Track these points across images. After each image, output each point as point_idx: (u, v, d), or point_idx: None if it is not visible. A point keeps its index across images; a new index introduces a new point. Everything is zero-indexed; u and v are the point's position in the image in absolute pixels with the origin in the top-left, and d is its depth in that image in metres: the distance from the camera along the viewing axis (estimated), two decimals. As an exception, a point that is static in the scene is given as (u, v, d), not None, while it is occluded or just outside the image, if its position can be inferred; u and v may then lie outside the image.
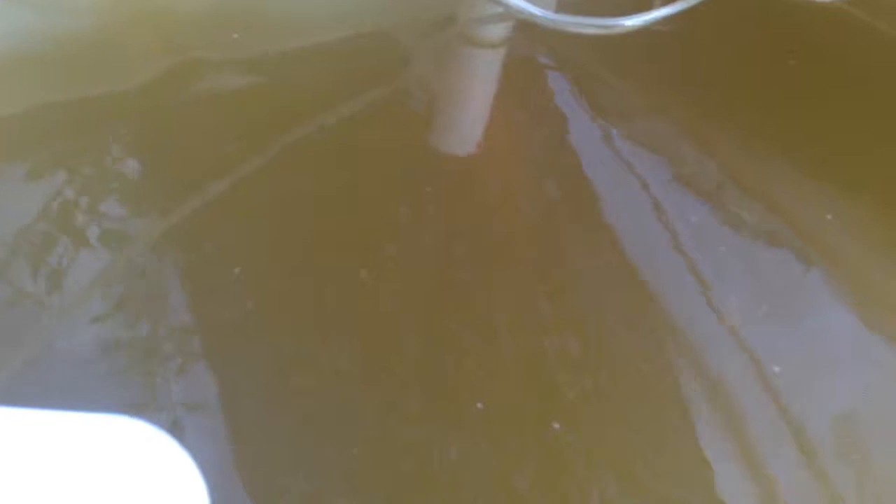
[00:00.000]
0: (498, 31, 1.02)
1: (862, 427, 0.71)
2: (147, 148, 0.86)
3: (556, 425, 0.70)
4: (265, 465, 0.67)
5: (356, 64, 0.95)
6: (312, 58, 0.96)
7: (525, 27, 1.01)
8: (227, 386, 0.70)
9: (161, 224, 0.81)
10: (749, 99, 0.94)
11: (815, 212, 0.85)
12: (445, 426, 0.70)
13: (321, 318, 0.76)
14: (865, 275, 0.81)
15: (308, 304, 0.77)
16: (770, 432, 0.71)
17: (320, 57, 0.96)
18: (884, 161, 0.87)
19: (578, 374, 0.74)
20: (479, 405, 0.71)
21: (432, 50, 0.99)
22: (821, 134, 0.90)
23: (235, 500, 0.65)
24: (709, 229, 0.84)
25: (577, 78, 0.96)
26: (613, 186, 0.87)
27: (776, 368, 0.74)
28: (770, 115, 0.92)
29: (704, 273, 0.80)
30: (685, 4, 1.00)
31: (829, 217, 0.85)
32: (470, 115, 0.94)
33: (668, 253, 0.82)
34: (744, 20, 1.03)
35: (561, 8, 1.01)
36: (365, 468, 0.67)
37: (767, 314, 0.78)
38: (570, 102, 0.94)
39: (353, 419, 0.70)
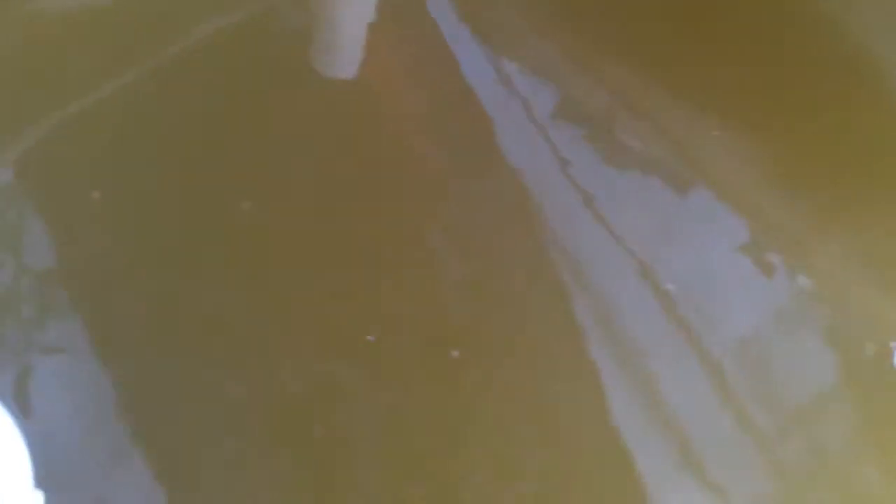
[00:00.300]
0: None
1: (761, 346, 0.71)
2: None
3: (455, 353, 0.66)
4: (132, 415, 0.61)
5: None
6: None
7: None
8: (89, 332, 0.64)
9: (13, 152, 0.73)
10: (636, 23, 0.91)
11: (701, 136, 0.84)
12: (334, 361, 0.65)
13: (198, 252, 0.70)
14: (750, 196, 0.80)
15: (183, 239, 0.71)
16: (669, 355, 0.70)
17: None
18: (767, 86, 0.86)
19: (473, 302, 0.70)
20: (370, 338, 0.66)
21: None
22: (707, 58, 0.88)
23: (95, 450, 0.60)
24: (596, 154, 0.82)
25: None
26: (500, 111, 0.83)
27: (670, 287, 0.73)
28: (656, 40, 0.90)
29: (594, 197, 0.78)
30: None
31: (714, 141, 0.84)
32: (347, 36, 0.88)
33: (558, 178, 0.79)
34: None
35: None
36: (248, 408, 0.63)
37: (658, 237, 0.77)
38: (453, 25, 0.89)
39: (235, 359, 0.65)
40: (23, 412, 0.60)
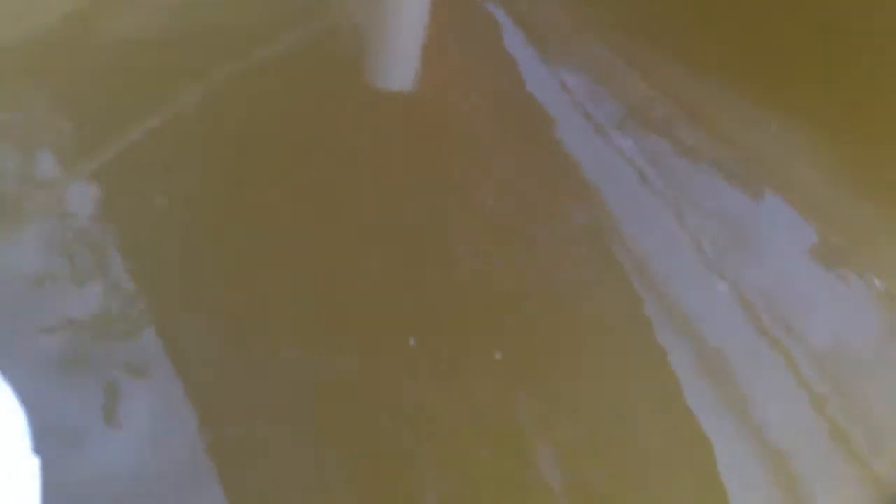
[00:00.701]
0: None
1: (847, 357, 0.69)
2: (67, 99, 0.81)
3: (498, 355, 0.66)
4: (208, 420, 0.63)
5: (277, 2, 0.89)
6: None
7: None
8: (171, 348, 0.66)
9: (90, 166, 0.76)
10: (685, 21, 0.88)
11: (763, 134, 0.81)
12: (377, 367, 0.66)
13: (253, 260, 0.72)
14: (820, 200, 0.77)
15: (247, 256, 0.72)
16: (752, 367, 0.67)
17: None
18: (832, 84, 0.83)
19: (524, 302, 0.69)
20: (412, 341, 0.66)
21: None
22: (767, 55, 0.85)
23: (177, 457, 0.62)
24: (660, 159, 0.80)
25: (512, 5, 0.90)
26: (562, 120, 0.82)
27: (748, 293, 0.71)
28: (710, 37, 0.87)
29: (665, 205, 0.76)
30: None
31: (776, 139, 0.80)
32: (402, 49, 0.89)
33: (629, 184, 0.77)
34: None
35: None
36: (299, 418, 0.64)
37: (730, 240, 0.74)
38: (506, 30, 0.88)
39: (281, 367, 0.66)
40: (111, 429, 0.62)
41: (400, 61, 0.88)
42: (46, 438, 0.61)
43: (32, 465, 0.59)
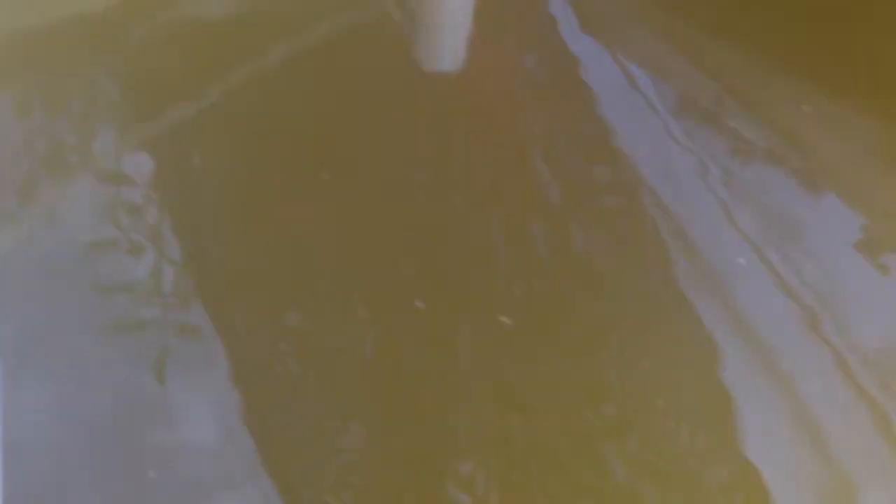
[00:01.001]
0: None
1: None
2: (125, 74, 0.84)
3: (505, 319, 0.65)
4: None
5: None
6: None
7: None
8: (220, 323, 0.67)
9: (151, 154, 0.79)
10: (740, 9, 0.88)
11: (812, 123, 0.80)
12: (383, 330, 0.66)
13: (307, 251, 0.73)
14: (870, 192, 0.76)
15: (296, 242, 0.73)
16: (803, 359, 0.65)
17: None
18: (879, 68, 0.81)
19: (566, 277, 0.69)
20: (419, 303, 0.66)
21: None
22: (820, 46, 0.84)
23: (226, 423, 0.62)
24: (714, 147, 0.79)
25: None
26: (614, 105, 0.82)
27: (796, 284, 0.69)
28: (762, 25, 0.86)
29: (712, 189, 0.76)
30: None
31: (822, 125, 0.79)
32: (454, 32, 0.90)
33: (679, 172, 0.77)
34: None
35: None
36: (313, 386, 0.65)
37: (778, 230, 0.73)
38: (561, 16, 0.89)
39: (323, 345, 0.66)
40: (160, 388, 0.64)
41: (452, 44, 0.90)
42: (98, 402, 0.63)
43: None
